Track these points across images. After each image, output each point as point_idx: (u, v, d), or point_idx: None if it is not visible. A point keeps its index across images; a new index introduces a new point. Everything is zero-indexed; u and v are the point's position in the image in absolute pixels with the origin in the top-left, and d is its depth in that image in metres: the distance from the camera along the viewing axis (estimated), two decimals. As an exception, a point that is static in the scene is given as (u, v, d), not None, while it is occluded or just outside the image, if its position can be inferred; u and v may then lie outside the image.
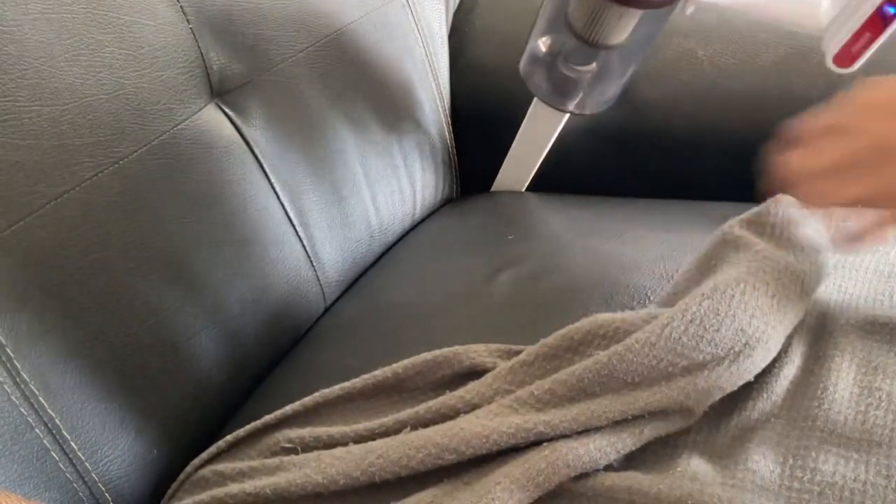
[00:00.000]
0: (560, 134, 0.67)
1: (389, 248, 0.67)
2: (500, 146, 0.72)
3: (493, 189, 0.74)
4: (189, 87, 0.51)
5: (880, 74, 0.49)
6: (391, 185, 0.66)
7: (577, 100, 0.61)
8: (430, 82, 0.70)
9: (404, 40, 0.68)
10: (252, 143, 0.55)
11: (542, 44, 0.60)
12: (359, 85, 0.63)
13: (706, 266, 0.48)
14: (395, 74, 0.67)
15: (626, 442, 0.41)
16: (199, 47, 0.52)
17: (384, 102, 0.66)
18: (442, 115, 0.72)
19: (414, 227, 0.70)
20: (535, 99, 0.64)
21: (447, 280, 0.58)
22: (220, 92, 0.54)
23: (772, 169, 0.63)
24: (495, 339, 0.49)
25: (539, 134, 0.67)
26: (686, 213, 0.62)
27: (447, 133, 0.73)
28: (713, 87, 0.66)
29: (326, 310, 0.60)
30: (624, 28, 0.53)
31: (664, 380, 0.42)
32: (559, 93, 0.61)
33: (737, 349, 0.43)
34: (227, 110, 0.54)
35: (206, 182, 0.51)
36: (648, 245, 0.57)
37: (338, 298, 0.62)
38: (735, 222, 0.49)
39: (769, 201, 0.51)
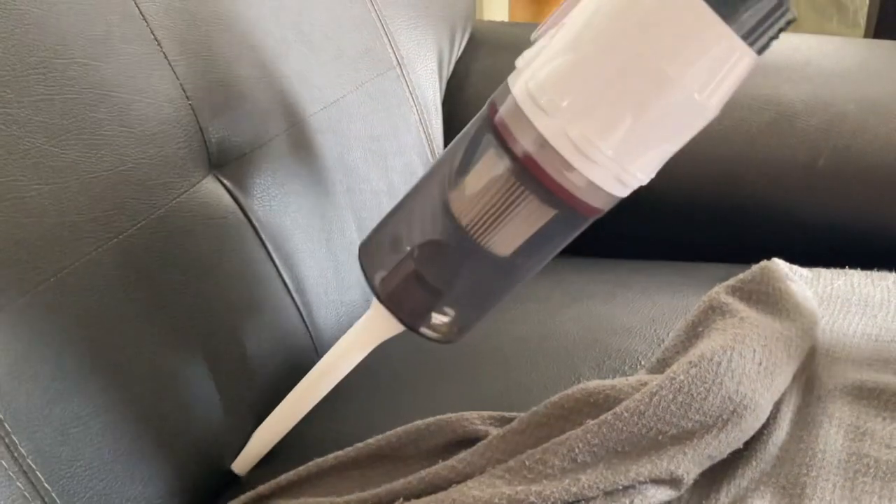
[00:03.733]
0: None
1: (385, 312, 0.68)
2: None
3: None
4: (188, 160, 0.53)
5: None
6: (387, 249, 0.67)
7: (435, 321, 0.46)
8: (424, 149, 0.72)
9: (399, 109, 0.70)
10: (249, 213, 0.56)
11: (404, 241, 0.45)
12: (355, 153, 0.65)
13: (693, 332, 0.49)
14: (391, 142, 0.68)
15: (616, 512, 0.41)
16: (198, 122, 0.54)
17: (380, 168, 0.67)
18: (436, 180, 0.73)
19: (410, 291, 0.71)
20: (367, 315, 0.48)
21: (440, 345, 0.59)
22: (219, 164, 0.55)
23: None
24: (488, 405, 0.49)
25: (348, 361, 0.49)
26: (677, 276, 0.63)
27: (442, 197, 0.74)
28: (701, 152, 0.68)
29: (323, 375, 0.61)
30: (525, 232, 0.42)
31: (654, 449, 0.42)
32: (418, 310, 0.45)
33: (725, 417, 0.43)
34: (225, 182, 0.55)
35: (204, 252, 0.53)
36: (639, 308, 0.58)
37: (334, 364, 0.62)
38: (721, 289, 0.50)
39: (755, 267, 0.52)
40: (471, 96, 0.77)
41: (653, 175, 0.42)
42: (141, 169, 0.50)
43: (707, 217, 0.68)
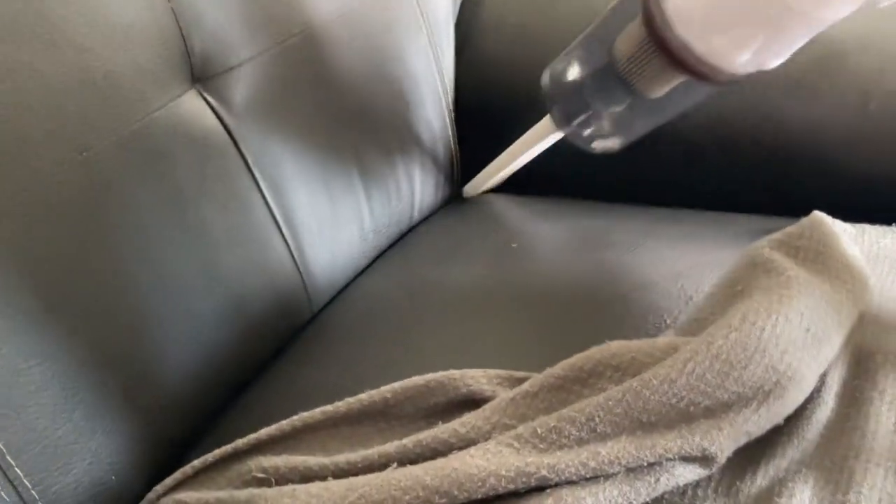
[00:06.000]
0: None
1: (384, 252, 0.62)
2: (505, 145, 0.67)
3: (465, 194, 0.69)
4: (166, 70, 0.47)
5: None
6: (388, 183, 0.61)
7: (585, 133, 0.55)
8: (433, 74, 0.66)
9: (407, 28, 0.63)
10: (235, 135, 0.50)
11: (575, 64, 0.53)
12: (356, 74, 0.58)
13: (732, 291, 0.43)
14: (396, 64, 0.62)
15: (639, 492, 0.36)
16: (179, 27, 0.47)
17: (383, 94, 0.61)
18: (445, 110, 0.67)
19: (411, 230, 0.65)
20: (545, 119, 0.58)
21: (445, 291, 0.53)
22: (202, 77, 0.49)
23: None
24: (495, 362, 0.44)
25: (537, 149, 0.62)
26: (708, 226, 0.57)
27: (450, 129, 0.68)
28: (737, 92, 0.61)
29: (312, 318, 0.56)
30: (664, 84, 0.48)
31: (684, 421, 0.37)
32: (571, 118, 0.55)
33: (766, 389, 0.38)
34: (208, 98, 0.49)
35: (182, 176, 0.47)
36: (666, 260, 0.53)
37: (325, 306, 0.57)
38: (765, 243, 0.45)
39: (804, 220, 0.46)
40: (487, 21, 0.70)
41: (745, 62, 0.45)
42: (111, 77, 0.43)
43: (742, 163, 0.62)
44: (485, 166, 0.69)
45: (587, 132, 0.55)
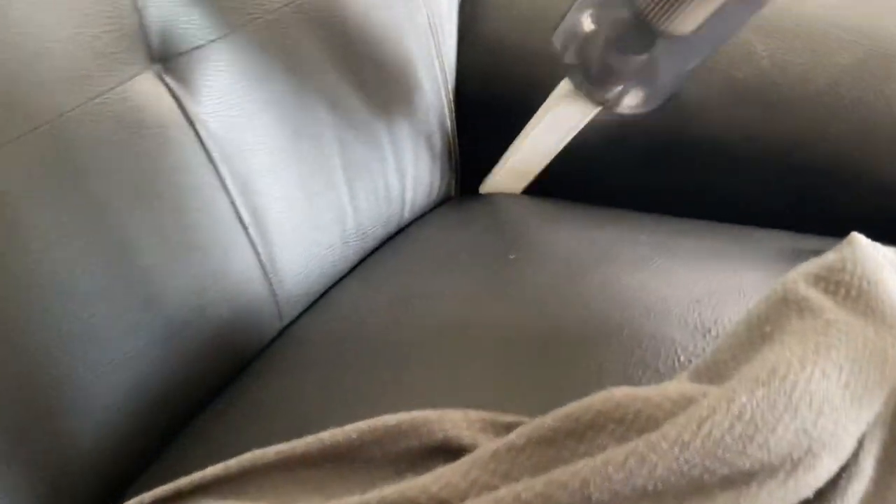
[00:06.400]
0: (582, 132, 0.56)
1: (368, 256, 0.56)
2: (511, 139, 0.61)
3: (481, 190, 0.63)
4: (118, 49, 0.41)
5: None
6: (376, 180, 0.55)
7: (614, 94, 0.50)
8: (432, 58, 0.59)
9: (404, 6, 0.57)
10: (196, 123, 0.44)
11: (589, 15, 0.49)
12: (343, 56, 0.52)
13: (759, 332, 0.37)
14: (390, 46, 0.56)
15: (640, 579, 0.30)
16: (134, -1, 0.41)
17: (373, 79, 0.54)
18: (444, 99, 0.61)
19: (401, 231, 0.59)
20: (561, 84, 0.53)
21: (432, 305, 0.48)
22: (162, 57, 0.43)
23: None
24: (480, 398, 0.39)
25: (556, 129, 0.56)
26: (730, 242, 0.51)
27: (448, 120, 0.62)
28: (773, 90, 0.55)
29: (281, 332, 0.50)
30: (698, 14, 0.43)
31: (697, 493, 0.32)
32: (594, 80, 0.50)
33: (796, 457, 0.32)
34: (168, 81, 0.43)
35: (132, 171, 0.41)
36: (682, 282, 0.47)
37: (297, 317, 0.51)
38: (800, 276, 0.38)
39: (844, 249, 0.40)
40: (494, 1, 0.64)
41: None
42: (47, 56, 0.38)
43: (774, 173, 0.55)
44: (487, 161, 0.63)
45: (611, 93, 0.50)
